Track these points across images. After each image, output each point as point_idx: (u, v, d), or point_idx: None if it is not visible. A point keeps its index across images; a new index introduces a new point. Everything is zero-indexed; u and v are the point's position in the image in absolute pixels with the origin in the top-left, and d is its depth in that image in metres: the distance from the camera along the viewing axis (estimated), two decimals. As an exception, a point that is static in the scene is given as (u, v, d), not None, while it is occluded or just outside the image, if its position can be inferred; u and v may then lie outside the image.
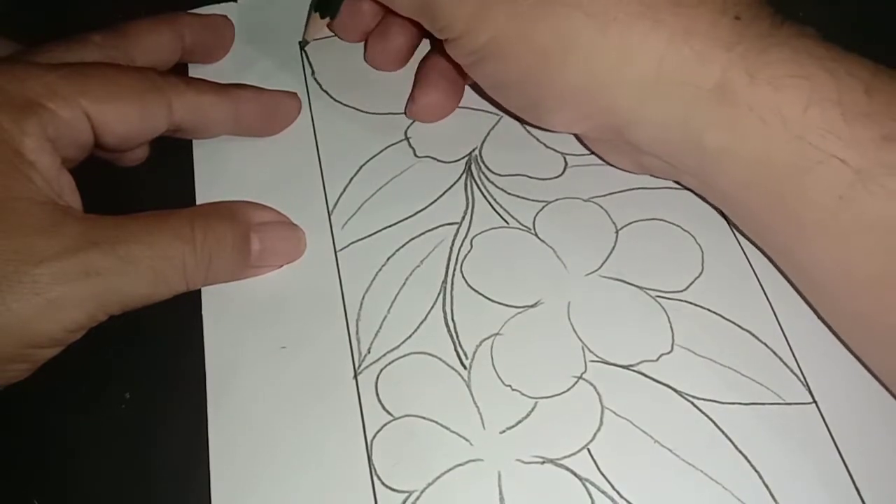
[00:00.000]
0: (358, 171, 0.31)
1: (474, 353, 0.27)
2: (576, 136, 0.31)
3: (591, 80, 0.26)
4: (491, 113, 0.33)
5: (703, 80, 0.24)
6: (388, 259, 0.29)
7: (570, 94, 0.26)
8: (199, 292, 0.28)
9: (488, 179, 0.31)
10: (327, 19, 0.33)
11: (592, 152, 0.31)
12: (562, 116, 0.28)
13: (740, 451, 0.25)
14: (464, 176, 0.31)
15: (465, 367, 0.27)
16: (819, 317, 0.27)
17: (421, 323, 0.27)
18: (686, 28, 0.24)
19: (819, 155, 0.23)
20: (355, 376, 0.26)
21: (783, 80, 0.23)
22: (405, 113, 0.33)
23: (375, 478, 0.25)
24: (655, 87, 0.25)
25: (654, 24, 0.24)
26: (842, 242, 0.23)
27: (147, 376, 0.28)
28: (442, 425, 0.25)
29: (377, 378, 0.26)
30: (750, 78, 0.24)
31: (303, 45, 0.35)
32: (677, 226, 0.29)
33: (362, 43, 0.34)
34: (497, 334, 0.27)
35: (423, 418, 0.26)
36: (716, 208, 0.29)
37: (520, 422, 0.25)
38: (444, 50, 0.29)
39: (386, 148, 0.32)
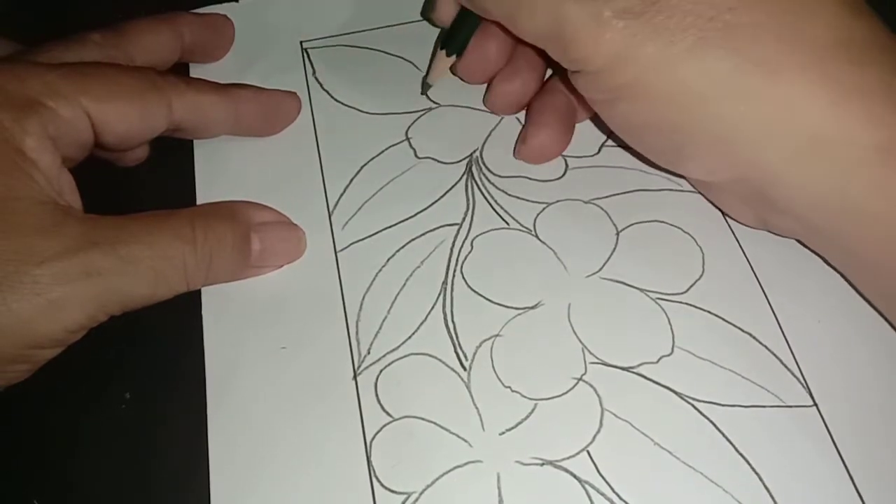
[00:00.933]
0: (358, 171, 0.31)
1: (474, 354, 0.27)
2: (695, 186, 0.30)
3: (742, 132, 0.24)
4: (492, 114, 0.33)
5: (870, 140, 0.23)
6: (389, 260, 0.29)
7: (716, 144, 0.25)
8: (199, 292, 0.28)
9: (489, 181, 0.31)
10: (453, 58, 0.31)
11: (710, 201, 0.30)
12: (700, 165, 0.27)
13: (741, 454, 0.25)
14: (464, 177, 0.31)
15: (464, 369, 0.27)
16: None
17: (421, 324, 0.27)
18: (858, 86, 0.23)
19: None
20: (355, 377, 0.26)
21: None
22: (514, 154, 0.32)
23: (374, 479, 0.25)
24: (815, 146, 0.23)
25: (824, 78, 0.23)
26: None
27: (147, 376, 0.28)
28: (441, 426, 0.25)
29: (377, 379, 0.26)
30: None
31: (425, 89, 0.33)
32: (678, 228, 0.29)
33: (361, 43, 0.34)
34: (497, 335, 0.27)
35: (423, 419, 0.26)
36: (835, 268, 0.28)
37: (519, 423, 0.25)
38: (565, 82, 0.28)
39: (387, 148, 0.32)
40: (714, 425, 0.25)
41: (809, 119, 0.23)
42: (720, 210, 0.30)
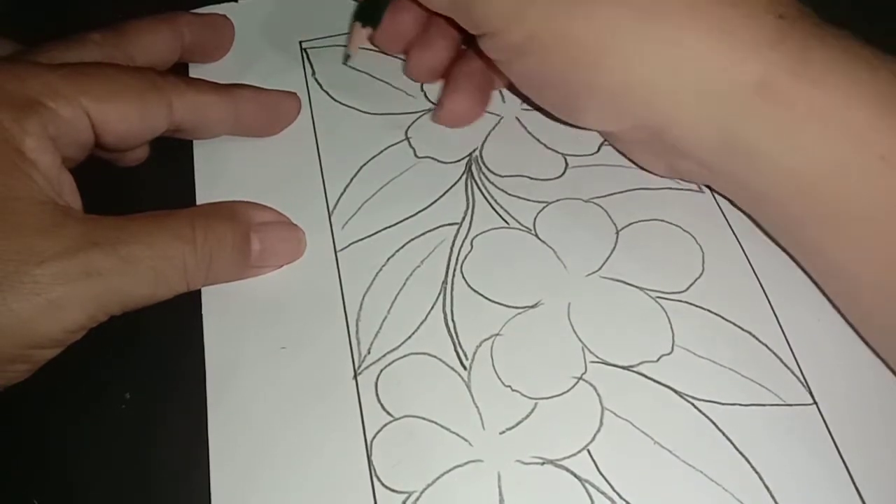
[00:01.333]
0: (358, 171, 0.31)
1: (474, 353, 0.27)
2: (606, 138, 0.31)
3: (629, 77, 0.25)
4: (491, 113, 0.33)
5: (744, 77, 0.24)
6: (389, 259, 0.29)
7: (608, 92, 0.26)
8: (199, 292, 0.28)
9: (489, 180, 0.31)
10: (369, 30, 0.32)
11: (623, 154, 0.31)
12: (598, 114, 0.28)
13: (740, 453, 0.25)
14: (464, 176, 0.31)
15: (465, 368, 0.27)
16: (850, 324, 0.27)
17: (421, 323, 0.27)
18: (729, 25, 0.24)
19: (861, 154, 0.23)
20: (355, 377, 0.26)
21: (826, 78, 0.23)
22: (431, 118, 0.33)
23: (375, 478, 0.25)
24: (695, 85, 0.25)
25: (695, 20, 0.24)
26: (886, 242, 0.23)
27: (147, 376, 0.28)
28: (442, 426, 0.25)
29: (377, 378, 0.26)
30: (793, 76, 0.23)
31: (346, 59, 0.34)
32: (678, 226, 0.29)
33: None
34: (497, 335, 0.27)
35: (423, 419, 0.26)
36: (744, 213, 0.29)
37: (520, 422, 0.25)
38: (477, 51, 0.29)
39: (386, 148, 0.32)
40: (714, 424, 0.25)
41: (695, 61, 0.24)
42: (634, 163, 0.30)
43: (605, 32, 0.25)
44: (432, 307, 0.28)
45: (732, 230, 0.29)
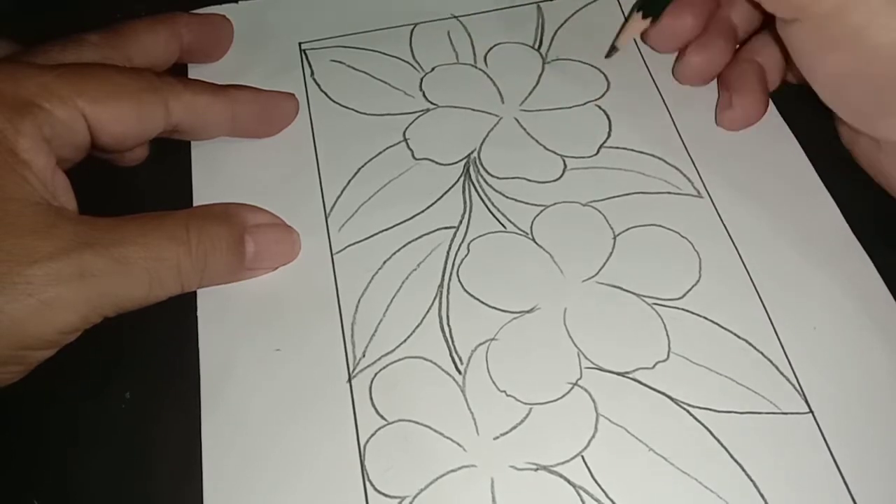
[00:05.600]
0: (356, 173, 0.31)
1: (469, 358, 0.27)
2: (860, 154, 0.29)
3: None
4: (490, 114, 0.33)
5: None
6: (385, 262, 0.29)
7: None
8: (194, 294, 0.28)
9: (486, 182, 0.31)
10: (647, 23, 0.31)
11: (863, 167, 0.29)
12: None
13: (735, 460, 0.25)
14: (462, 178, 0.31)
15: (459, 373, 0.26)
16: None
17: (416, 327, 0.27)
18: None
19: None
20: (349, 380, 0.26)
21: None
22: (716, 121, 0.32)
23: (368, 482, 0.25)
24: None
25: None
26: None
27: (147, 377, 0.28)
28: (436, 430, 0.25)
29: (371, 382, 0.26)
30: None
31: (611, 52, 0.33)
32: (675, 232, 0.29)
33: (359, 44, 0.34)
34: (492, 339, 0.27)
35: (417, 423, 0.26)
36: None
37: (514, 428, 0.25)
38: (760, 49, 0.28)
39: (384, 150, 0.32)
40: (709, 431, 0.25)
41: None
42: (878, 181, 0.28)
43: None
44: (428, 311, 0.28)
45: (730, 237, 0.29)
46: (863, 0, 0.24)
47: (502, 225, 0.30)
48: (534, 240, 0.29)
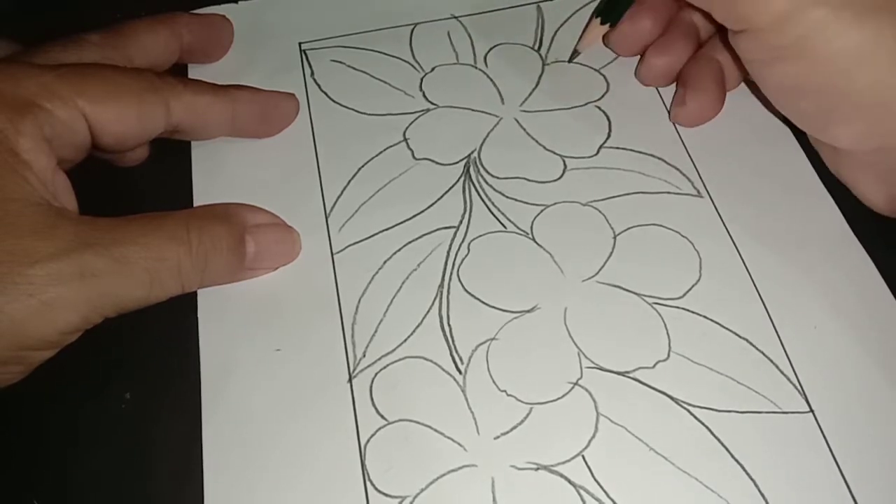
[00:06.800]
0: (356, 172, 0.31)
1: (470, 357, 0.27)
2: (828, 158, 0.30)
3: (887, 95, 0.25)
4: (490, 114, 0.33)
5: None
6: (385, 262, 0.29)
7: (870, 109, 0.25)
8: (195, 294, 0.28)
9: (486, 182, 0.31)
10: (605, 28, 0.32)
11: (838, 176, 0.29)
12: (849, 131, 0.27)
13: (736, 460, 0.25)
14: (462, 178, 0.31)
15: (460, 372, 0.26)
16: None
17: (417, 327, 0.27)
18: None
19: None
20: (350, 380, 0.26)
21: None
22: (671, 117, 0.32)
23: (368, 482, 0.25)
24: None
25: None
26: None
27: (147, 377, 0.28)
28: (436, 430, 0.25)
29: (372, 382, 0.26)
30: None
31: (573, 56, 0.34)
32: (676, 232, 0.29)
33: (359, 44, 0.34)
34: (493, 339, 0.27)
35: (418, 423, 0.26)
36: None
37: (514, 427, 0.25)
38: (722, 47, 0.28)
39: (385, 150, 0.32)
40: (710, 431, 0.25)
41: None
42: (850, 187, 0.29)
43: (883, 47, 0.24)
44: (428, 311, 0.28)
45: (731, 236, 0.29)
46: (805, 12, 0.25)
47: (502, 225, 0.30)
48: (534, 240, 0.29)
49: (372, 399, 0.26)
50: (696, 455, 0.25)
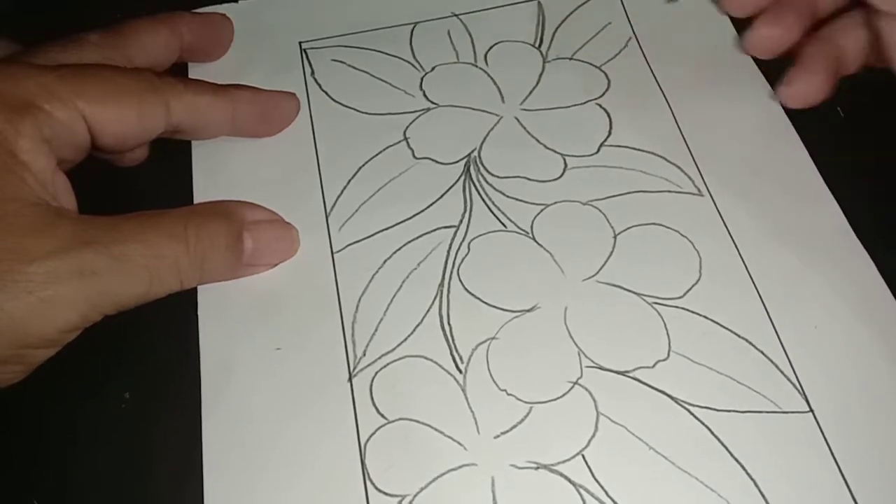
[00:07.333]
0: (356, 172, 0.31)
1: (470, 357, 0.27)
2: None
3: None
4: (490, 113, 0.33)
5: None
6: (385, 261, 0.29)
7: None
8: (195, 292, 0.28)
9: (486, 181, 0.31)
10: None
11: None
12: None
13: (736, 460, 0.25)
14: (462, 178, 0.31)
15: (460, 371, 0.26)
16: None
17: (417, 326, 0.27)
18: None
19: None
20: (350, 379, 0.26)
21: None
22: (777, 93, 0.31)
23: (368, 481, 0.25)
24: None
25: None
26: None
27: (147, 376, 0.28)
28: (436, 429, 0.25)
29: (372, 381, 0.26)
30: None
31: None
32: (676, 231, 0.29)
33: (360, 44, 0.34)
34: (493, 338, 0.27)
35: (418, 422, 0.26)
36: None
37: (514, 427, 0.25)
38: (846, 30, 0.27)
39: (385, 149, 0.32)
40: (710, 430, 0.25)
41: None
42: None
43: None
44: (428, 310, 0.28)
45: (731, 236, 0.29)
46: None
47: (503, 224, 0.30)
48: (534, 239, 0.29)
49: (372, 398, 0.26)
50: (696, 455, 0.25)
